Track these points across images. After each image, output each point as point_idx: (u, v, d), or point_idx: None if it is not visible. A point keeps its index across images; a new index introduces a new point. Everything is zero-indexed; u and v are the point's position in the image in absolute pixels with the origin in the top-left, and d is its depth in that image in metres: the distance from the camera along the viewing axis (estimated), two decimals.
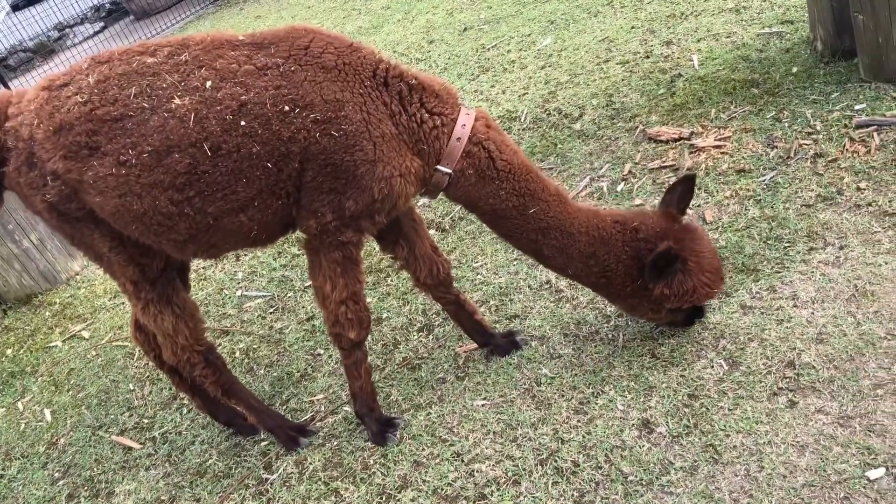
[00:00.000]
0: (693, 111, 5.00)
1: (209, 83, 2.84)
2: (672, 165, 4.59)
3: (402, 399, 3.67)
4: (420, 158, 3.05)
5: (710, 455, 2.87)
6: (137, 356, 4.80)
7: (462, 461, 3.21)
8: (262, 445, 3.70)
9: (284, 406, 3.93)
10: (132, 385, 4.58)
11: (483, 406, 3.44)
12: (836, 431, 2.79)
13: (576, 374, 3.43)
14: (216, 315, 4.95)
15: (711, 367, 3.22)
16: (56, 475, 4.08)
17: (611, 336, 3.58)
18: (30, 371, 5.17)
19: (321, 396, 3.90)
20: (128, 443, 4.08)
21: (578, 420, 3.20)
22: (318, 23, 10.98)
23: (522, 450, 3.16)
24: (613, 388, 3.29)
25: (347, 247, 3.09)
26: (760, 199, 4.04)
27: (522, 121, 5.77)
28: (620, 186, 4.61)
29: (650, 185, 4.51)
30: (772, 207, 3.95)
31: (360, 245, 3.17)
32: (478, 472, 3.13)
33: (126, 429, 4.22)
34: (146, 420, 4.22)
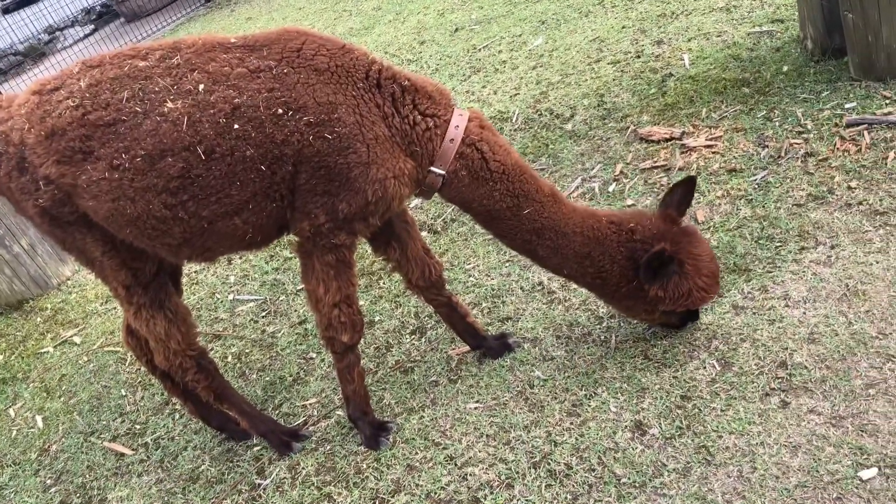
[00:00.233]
0: (684, 111, 5.00)
1: (202, 86, 2.84)
2: (663, 165, 4.59)
3: (395, 402, 3.66)
4: (413, 160, 3.04)
5: (703, 456, 2.86)
6: (129, 361, 4.78)
7: (455, 465, 3.20)
8: (255, 450, 3.68)
9: (277, 411, 3.91)
10: (124, 391, 4.56)
11: (476, 409, 3.43)
12: (829, 432, 2.79)
13: (568, 376, 3.42)
14: (208, 319, 4.93)
15: (704, 368, 3.22)
16: (48, 482, 4.06)
17: (603, 338, 3.58)
18: (21, 377, 5.14)
19: (314, 400, 3.88)
20: (120, 449, 4.06)
21: (571, 422, 3.20)
22: (310, 24, 10.96)
23: (515, 453, 3.15)
24: (606, 390, 3.29)
25: (341, 250, 3.08)
26: (752, 199, 4.04)
27: (514, 121, 5.76)
28: (612, 187, 4.61)
29: (642, 186, 4.51)
30: (763, 207, 3.95)
31: (354, 248, 3.16)
32: (471, 476, 3.12)
33: (118, 435, 4.20)
34: (138, 426, 4.20)
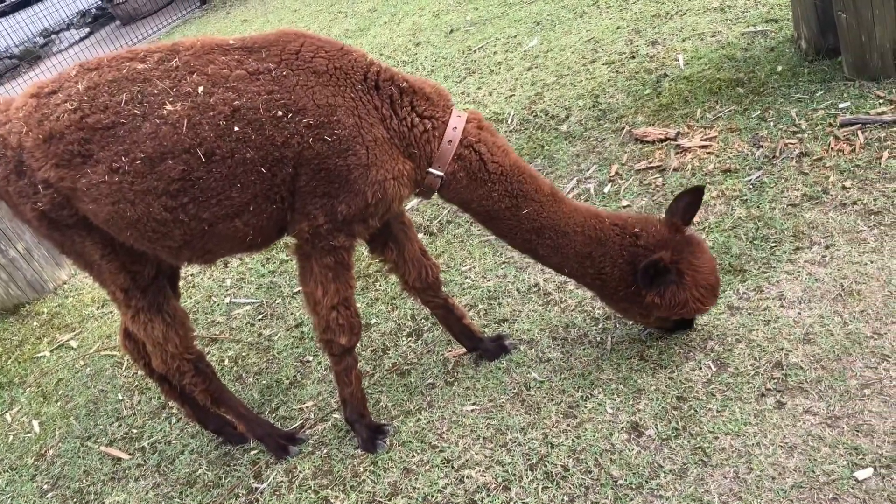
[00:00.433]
0: (679, 111, 5.01)
1: (201, 88, 2.83)
2: (659, 166, 4.60)
3: (392, 405, 3.66)
4: (412, 161, 3.05)
5: (699, 457, 2.87)
6: (126, 365, 4.78)
7: (452, 467, 3.20)
8: (252, 454, 3.68)
9: (274, 414, 3.91)
10: (121, 395, 4.55)
11: (473, 411, 3.43)
12: (824, 432, 2.80)
13: (565, 378, 3.42)
14: (205, 323, 4.93)
15: (699, 369, 3.22)
16: (45, 487, 4.05)
17: (599, 339, 3.58)
18: (18, 382, 5.13)
19: (310, 404, 3.88)
20: (117, 453, 4.06)
21: (568, 424, 3.20)
22: (305, 26, 10.96)
23: (512, 455, 3.15)
24: (602, 392, 3.29)
25: (339, 251, 3.08)
26: (747, 199, 4.05)
27: (509, 123, 5.76)
28: (607, 188, 4.61)
29: (637, 186, 4.52)
30: (758, 207, 3.96)
31: (352, 250, 3.16)
32: (468, 479, 3.12)
33: (115, 439, 4.19)
34: (135, 430, 4.20)
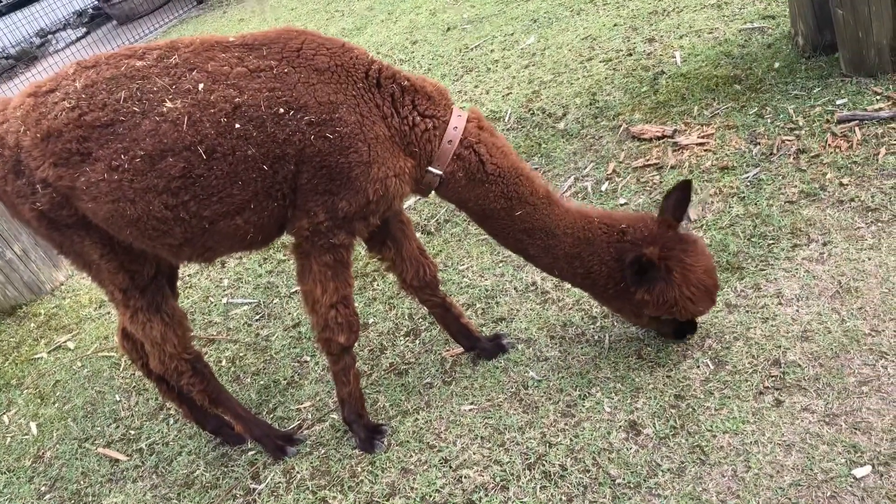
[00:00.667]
0: (676, 108, 5.00)
1: (201, 85, 2.82)
2: (656, 164, 4.59)
3: (390, 405, 3.65)
4: (412, 159, 3.05)
5: (698, 456, 2.86)
6: (123, 367, 4.77)
7: (450, 467, 3.20)
8: (250, 455, 3.67)
9: (271, 414, 3.90)
10: (118, 396, 4.54)
11: (470, 411, 3.43)
12: (822, 430, 2.79)
13: (562, 377, 3.42)
14: (202, 323, 4.92)
15: (697, 367, 3.22)
16: (43, 489, 4.04)
17: (597, 338, 3.58)
18: (15, 384, 5.12)
19: (308, 404, 3.88)
20: (114, 455, 4.05)
21: (566, 423, 3.19)
22: (302, 25, 10.93)
23: (510, 454, 3.15)
24: (600, 390, 3.28)
25: (339, 250, 3.08)
26: (744, 197, 4.04)
27: (506, 121, 5.75)
28: (605, 186, 4.60)
29: (634, 184, 4.51)
30: (755, 204, 3.95)
31: (352, 248, 3.15)
32: (466, 478, 3.12)
33: (112, 440, 4.18)
34: (133, 431, 4.19)
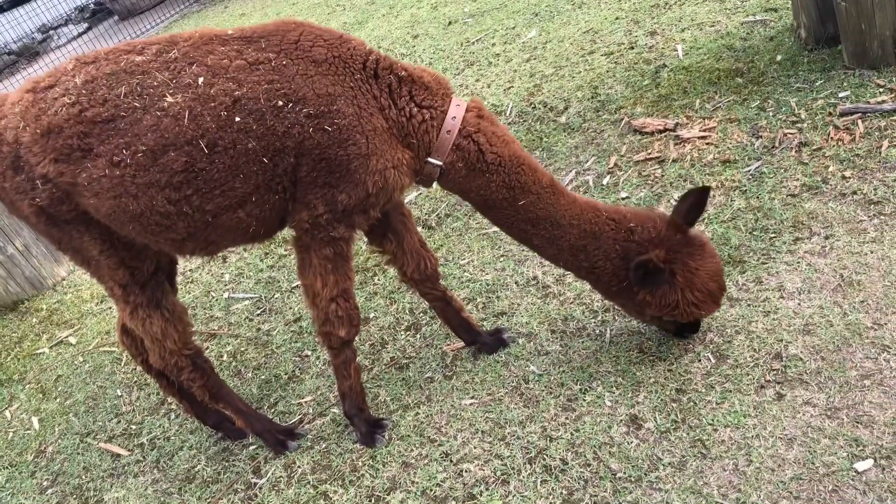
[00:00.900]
0: (678, 102, 4.97)
1: (201, 79, 2.81)
2: (658, 157, 4.57)
3: (391, 399, 3.64)
4: (410, 151, 3.04)
5: (699, 450, 2.85)
6: (125, 362, 4.77)
7: (451, 461, 3.19)
8: (251, 449, 3.67)
9: (272, 409, 3.90)
10: (120, 391, 4.55)
11: (471, 405, 3.42)
12: (824, 423, 2.78)
13: (563, 371, 3.41)
14: (203, 318, 4.92)
15: (699, 361, 3.21)
16: (45, 484, 4.05)
17: (598, 332, 3.57)
18: (17, 378, 5.12)
19: (309, 398, 3.87)
20: (116, 450, 4.05)
21: (566, 417, 3.19)
22: (303, 19, 10.90)
23: (511, 448, 3.14)
24: (601, 384, 3.27)
25: (339, 243, 3.07)
26: (746, 190, 4.02)
27: (508, 115, 5.73)
28: (606, 179, 4.59)
29: (636, 178, 4.49)
30: (757, 198, 3.93)
31: (352, 241, 3.14)
32: (466, 472, 3.11)
33: (114, 435, 4.18)
34: (134, 426, 4.19)
